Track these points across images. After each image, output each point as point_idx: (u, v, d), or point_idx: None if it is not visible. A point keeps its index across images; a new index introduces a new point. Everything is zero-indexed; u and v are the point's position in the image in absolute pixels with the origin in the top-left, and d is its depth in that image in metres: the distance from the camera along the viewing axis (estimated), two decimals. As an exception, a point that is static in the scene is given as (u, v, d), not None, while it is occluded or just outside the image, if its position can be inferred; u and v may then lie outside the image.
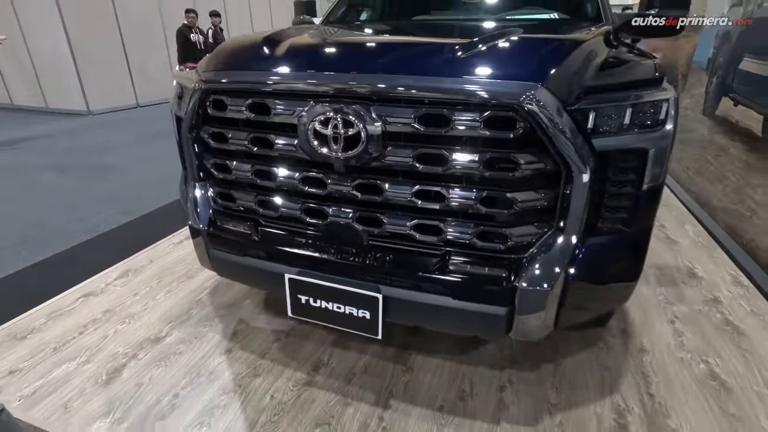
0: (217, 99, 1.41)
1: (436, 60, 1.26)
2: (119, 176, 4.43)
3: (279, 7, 12.53)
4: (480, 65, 1.17)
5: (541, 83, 1.09)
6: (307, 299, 1.42)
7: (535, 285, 1.21)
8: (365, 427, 1.51)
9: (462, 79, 1.13)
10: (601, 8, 2.20)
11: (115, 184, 4.16)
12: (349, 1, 2.76)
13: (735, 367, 1.79)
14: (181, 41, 6.68)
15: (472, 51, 1.23)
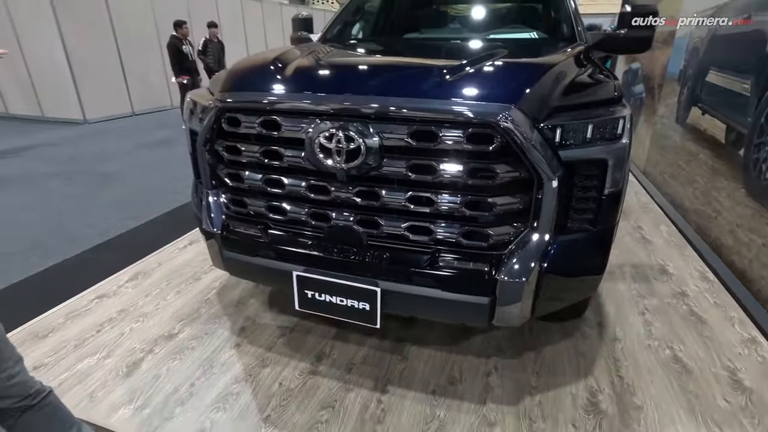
0: (231, 116, 1.59)
1: (426, 83, 1.44)
2: (124, 183, 4.55)
3: (272, 18, 12.70)
4: (463, 88, 1.36)
5: (515, 104, 1.29)
6: (313, 294, 1.59)
7: (513, 277, 1.40)
8: (365, 409, 1.68)
9: (448, 101, 1.32)
10: (575, 29, 2.41)
11: (121, 191, 4.29)
12: (345, 20, 2.95)
13: (696, 352, 1.99)
14: (172, 53, 6.81)
15: (457, 75, 1.42)
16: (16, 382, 1.12)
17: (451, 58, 1.81)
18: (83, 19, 7.66)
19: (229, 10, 10.87)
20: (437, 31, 2.78)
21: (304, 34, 3.07)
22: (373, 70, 1.72)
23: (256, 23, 11.96)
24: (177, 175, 4.79)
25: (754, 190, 2.49)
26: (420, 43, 2.53)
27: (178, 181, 4.58)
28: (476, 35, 2.56)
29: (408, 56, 2.08)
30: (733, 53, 2.97)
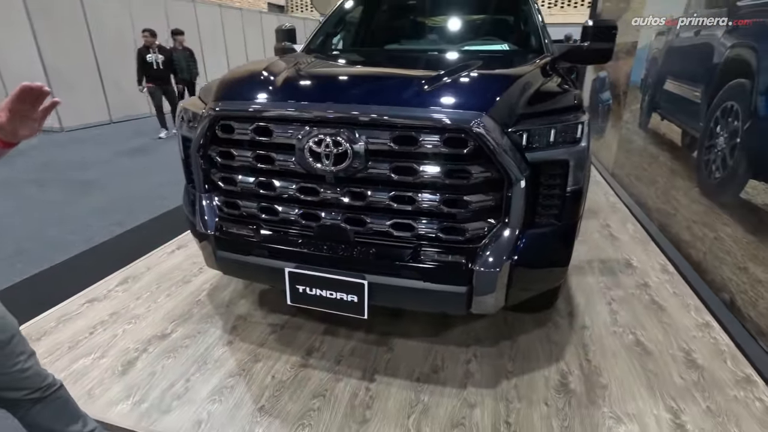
0: (225, 123, 1.69)
1: (406, 92, 1.58)
2: (104, 191, 4.55)
3: (251, 26, 12.75)
4: (440, 97, 1.51)
5: (485, 112, 1.44)
6: (304, 288, 1.70)
7: (488, 268, 1.54)
8: (355, 397, 1.79)
9: (427, 108, 1.47)
10: (542, 41, 2.61)
11: (102, 198, 4.28)
12: (327, 31, 3.08)
13: (656, 336, 2.18)
14: (139, 61, 6.79)
15: (434, 85, 1.57)
16: (29, 375, 1.19)
17: (428, 69, 1.96)
18: (60, 27, 7.58)
19: (209, 18, 10.88)
20: (415, 42, 2.94)
21: (288, 45, 3.18)
22: (358, 80, 1.85)
23: (235, 31, 11.98)
24: (158, 183, 4.81)
25: (706, 189, 2.73)
26: (399, 54, 2.68)
27: (160, 189, 4.61)
28: (451, 47, 2.73)
29: (389, 67, 2.22)
30: (685, 64, 3.23)
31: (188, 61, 7.73)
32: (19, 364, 1.16)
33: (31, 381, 1.20)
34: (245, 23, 12.30)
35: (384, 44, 3.00)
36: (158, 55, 6.95)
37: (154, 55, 6.90)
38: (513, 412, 1.71)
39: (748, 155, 2.31)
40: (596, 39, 2.48)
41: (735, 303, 2.29)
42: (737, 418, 1.69)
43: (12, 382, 1.16)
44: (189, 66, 7.74)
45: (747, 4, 2.49)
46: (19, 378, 1.17)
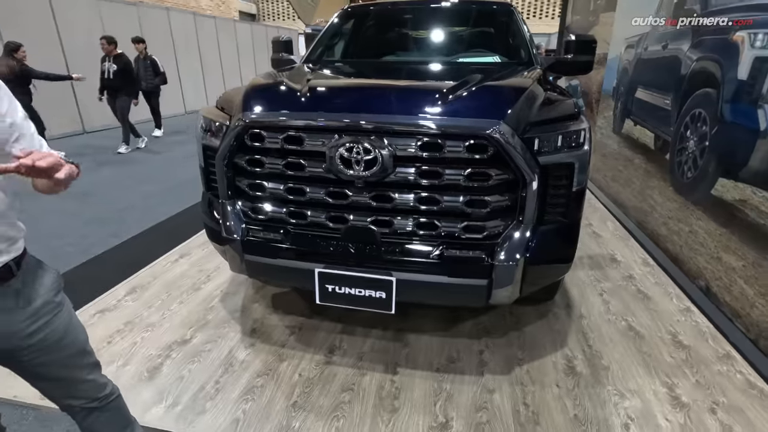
0: (255, 133, 1.78)
1: (431, 103, 1.71)
2: (93, 202, 4.44)
3: (226, 37, 12.66)
4: (462, 107, 1.67)
5: (503, 120, 1.60)
6: (333, 288, 1.79)
7: (506, 262, 1.69)
8: (382, 389, 1.90)
9: (451, 118, 1.62)
10: (531, 53, 2.82)
11: (92, 210, 4.19)
12: (325, 44, 3.20)
13: (645, 321, 2.39)
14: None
15: (455, 96, 1.72)
16: (93, 385, 1.22)
17: (440, 80, 2.12)
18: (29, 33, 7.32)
19: (182, 26, 10.75)
20: (412, 54, 3.11)
21: (285, 56, 3.26)
22: (384, 92, 1.97)
23: (210, 39, 11.86)
24: (147, 193, 4.75)
25: (679, 188, 3.01)
26: (404, 66, 2.81)
27: (149, 199, 4.56)
28: (447, 59, 2.91)
29: (402, 78, 2.37)
30: (655, 74, 3.54)
31: (146, 70, 7.36)
32: (85, 374, 1.19)
33: (93, 391, 1.22)
34: (219, 32, 12.20)
35: (381, 56, 3.13)
36: (111, 64, 6.53)
37: (108, 63, 6.53)
38: (529, 395, 1.86)
39: (717, 156, 2.58)
40: (579, 52, 2.70)
41: (711, 289, 2.54)
42: (723, 389, 1.90)
43: (76, 392, 1.18)
44: (147, 76, 7.36)
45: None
46: (83, 388, 1.19)
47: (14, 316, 1.01)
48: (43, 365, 1.08)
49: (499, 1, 3.38)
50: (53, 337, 1.07)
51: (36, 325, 1.04)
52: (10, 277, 1.01)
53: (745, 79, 2.35)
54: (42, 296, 1.06)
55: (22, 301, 1.02)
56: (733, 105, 2.44)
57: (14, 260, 1.01)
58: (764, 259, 2.14)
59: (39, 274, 1.09)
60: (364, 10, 3.43)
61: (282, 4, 20.20)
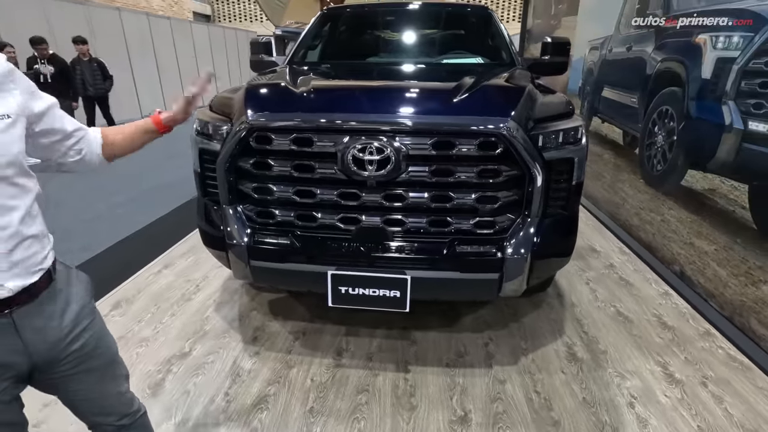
0: (261, 135, 1.74)
1: (441, 103, 1.75)
2: (55, 214, 4.15)
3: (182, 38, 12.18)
4: (472, 106, 1.71)
5: (512, 118, 1.66)
6: (347, 289, 1.78)
7: (516, 255, 1.75)
8: (397, 388, 1.90)
9: (463, 116, 1.66)
10: (513, 55, 2.92)
11: (56, 222, 3.90)
12: (309, 45, 3.17)
13: (631, 306, 2.54)
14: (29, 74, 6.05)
15: (463, 95, 1.76)
16: (124, 400, 1.15)
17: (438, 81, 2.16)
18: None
19: (136, 27, 10.24)
20: (397, 56, 3.13)
21: (267, 58, 3.19)
22: (394, 92, 1.98)
23: (165, 41, 11.37)
24: (116, 202, 4.50)
25: (650, 180, 3.22)
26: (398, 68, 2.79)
27: (120, 208, 4.32)
28: (432, 60, 2.96)
29: (401, 80, 2.38)
30: (621, 74, 3.77)
31: (94, 74, 6.83)
32: (117, 387, 1.12)
33: (124, 407, 1.15)
34: (175, 33, 11.72)
35: (366, 58, 3.14)
36: (47, 67, 5.94)
37: (42, 66, 5.91)
38: (538, 383, 1.93)
39: (685, 150, 2.79)
40: (555, 53, 2.83)
41: (685, 273, 2.73)
42: (709, 364, 2.06)
43: (108, 407, 1.11)
44: (95, 80, 6.83)
45: (672, 25, 3.00)
46: (114, 403, 1.12)
47: (61, 321, 0.96)
48: (79, 375, 1.02)
49: (477, 4, 3.48)
50: (91, 344, 1.02)
51: (78, 329, 0.99)
52: (51, 280, 0.96)
53: (708, 78, 2.56)
54: (79, 300, 1.01)
55: (64, 303, 0.98)
56: (699, 102, 2.65)
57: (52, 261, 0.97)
58: (735, 243, 2.33)
59: (72, 277, 1.03)
60: (346, 12, 3.43)
61: (238, 5, 19.71)
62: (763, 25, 2.16)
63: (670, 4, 3.04)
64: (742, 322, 2.25)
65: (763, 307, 2.13)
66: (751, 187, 2.24)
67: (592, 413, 1.77)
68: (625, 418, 1.74)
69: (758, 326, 2.15)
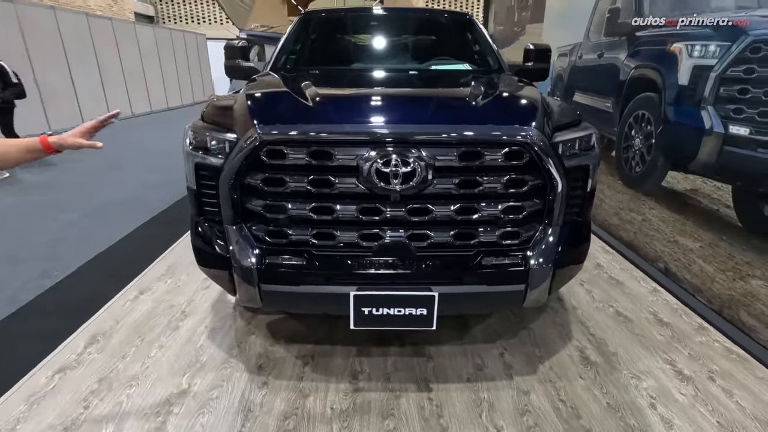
0: (273, 149, 1.60)
1: (465, 112, 1.69)
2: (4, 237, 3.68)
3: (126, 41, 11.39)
4: (496, 115, 1.68)
5: (534, 125, 1.63)
6: (370, 310, 1.68)
7: (541, 265, 1.73)
8: (422, 409, 1.82)
9: (490, 126, 1.61)
10: (501, 61, 2.94)
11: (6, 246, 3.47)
12: (290, 50, 3.02)
13: (627, 305, 2.62)
14: None
15: (484, 104, 1.72)
16: None
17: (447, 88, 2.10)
18: None
19: (74, 28, 9.42)
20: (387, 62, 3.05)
21: (243, 63, 3.00)
22: (414, 102, 1.90)
23: (108, 44, 10.57)
24: (69, 221, 4.07)
25: (629, 182, 3.36)
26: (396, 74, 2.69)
27: (75, 228, 3.90)
28: (420, 66, 2.92)
29: (403, 87, 2.30)
30: (593, 80, 3.92)
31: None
32: None
33: None
34: (118, 35, 10.93)
35: (350, 63, 3.04)
36: None
37: None
38: (560, 391, 1.92)
39: (664, 152, 2.93)
40: (537, 60, 2.88)
41: (670, 270, 2.87)
42: (711, 358, 2.15)
43: None
44: None
45: (644, 34, 3.16)
46: None
47: None
48: None
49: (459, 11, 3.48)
50: None
51: None
52: None
53: (686, 85, 2.70)
54: None
55: None
56: (677, 107, 2.79)
57: None
58: (721, 240, 2.47)
59: None
60: (329, 16, 3.31)
61: (184, 6, 18.77)
62: (740, 35, 2.31)
63: (642, 13, 3.19)
64: (732, 315, 2.38)
65: (752, 300, 2.26)
66: (735, 187, 2.38)
67: (618, 418, 1.78)
68: (650, 420, 1.76)
69: (748, 318, 2.28)
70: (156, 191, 5.04)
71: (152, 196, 4.83)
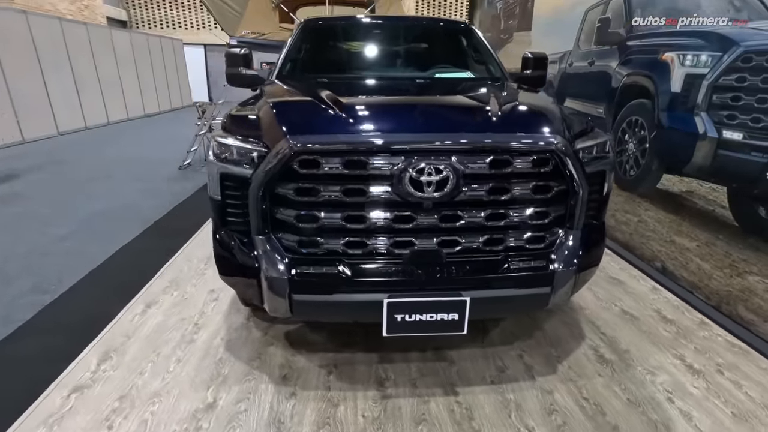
0: (307, 159, 1.60)
1: (496, 121, 1.74)
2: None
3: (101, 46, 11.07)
4: (525, 123, 1.74)
5: (560, 134, 1.70)
6: (403, 317, 1.69)
7: (565, 267, 1.79)
8: (452, 412, 1.84)
9: (521, 134, 1.67)
10: (502, 69, 3.02)
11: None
12: (294, 58, 3.02)
13: (630, 303, 2.72)
14: None
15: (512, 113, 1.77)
16: None
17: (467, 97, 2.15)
18: None
19: (47, 33, 9.08)
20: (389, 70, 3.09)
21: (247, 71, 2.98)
22: (446, 111, 1.95)
23: (83, 49, 10.23)
24: (59, 236, 3.91)
25: (624, 184, 3.49)
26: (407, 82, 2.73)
27: (65, 243, 3.76)
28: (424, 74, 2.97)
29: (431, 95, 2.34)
30: (584, 87, 4.07)
31: None
32: None
33: None
34: (93, 41, 10.59)
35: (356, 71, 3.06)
36: None
37: None
38: (582, 389, 1.99)
39: (659, 156, 3.07)
40: (535, 68, 2.98)
41: (667, 268, 3.00)
42: (716, 352, 2.26)
43: None
44: None
45: (636, 43, 3.31)
46: None
47: None
48: None
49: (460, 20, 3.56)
50: None
51: None
52: None
53: (679, 92, 2.84)
54: None
55: None
56: (670, 113, 2.93)
57: None
58: (717, 239, 2.60)
59: None
60: (330, 25, 3.33)
61: (159, 11, 18.34)
62: (731, 45, 2.45)
63: (631, 24, 3.34)
64: (730, 310, 2.51)
65: (750, 296, 2.39)
66: (730, 189, 2.52)
67: (641, 413, 1.85)
68: (670, 414, 1.84)
69: (746, 313, 2.41)
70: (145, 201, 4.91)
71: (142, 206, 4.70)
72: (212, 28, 16.05)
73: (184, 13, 18.47)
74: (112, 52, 11.45)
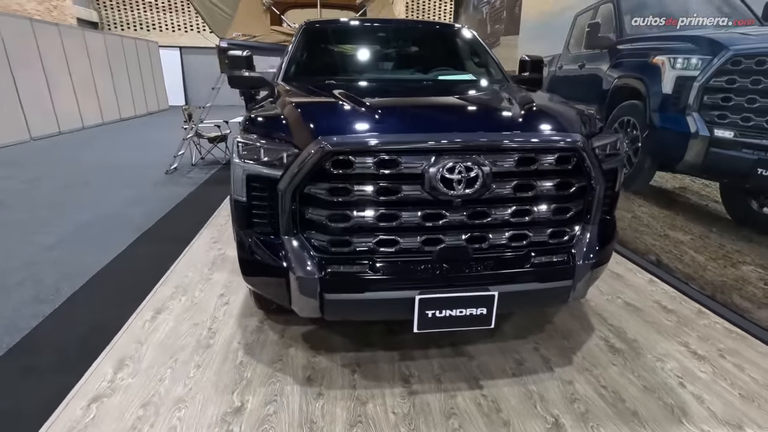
0: (340, 159, 1.62)
1: (523, 120, 1.80)
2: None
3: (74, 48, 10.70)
4: (549, 123, 1.80)
5: (580, 133, 1.77)
6: (434, 312, 1.73)
7: (586, 261, 1.86)
8: (480, 405, 1.89)
9: (544, 134, 1.73)
10: (503, 71, 3.11)
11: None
12: (299, 60, 3.02)
13: (632, 295, 2.84)
14: None
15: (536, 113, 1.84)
16: None
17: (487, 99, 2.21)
18: None
19: (17, 33, 8.71)
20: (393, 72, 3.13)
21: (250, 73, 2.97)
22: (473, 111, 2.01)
23: (54, 51, 9.86)
24: (47, 245, 3.77)
25: (616, 182, 3.63)
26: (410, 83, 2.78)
27: (55, 252, 3.63)
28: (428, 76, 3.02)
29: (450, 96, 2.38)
30: (575, 89, 4.21)
31: None
32: None
33: None
34: (66, 42, 10.23)
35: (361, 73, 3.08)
36: None
37: None
38: (599, 377, 2.06)
39: (651, 154, 3.21)
40: (533, 70, 3.08)
41: (662, 261, 3.14)
42: (717, 338, 2.38)
43: None
44: None
45: (626, 47, 3.46)
46: None
47: None
48: None
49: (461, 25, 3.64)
50: None
51: None
52: None
53: (670, 94, 2.99)
54: None
55: None
56: (662, 114, 3.08)
57: None
58: (711, 232, 2.75)
59: None
60: (332, 27, 3.34)
61: (131, 12, 17.86)
62: (721, 49, 2.60)
63: (623, 28, 3.49)
64: (725, 299, 2.65)
65: (744, 284, 2.54)
66: (722, 184, 2.67)
67: (657, 398, 1.93)
68: (684, 398, 1.94)
69: (741, 301, 2.55)
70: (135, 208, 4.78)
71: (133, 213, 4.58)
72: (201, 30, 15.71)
73: (159, 15, 18.05)
74: (85, 55, 11.08)
